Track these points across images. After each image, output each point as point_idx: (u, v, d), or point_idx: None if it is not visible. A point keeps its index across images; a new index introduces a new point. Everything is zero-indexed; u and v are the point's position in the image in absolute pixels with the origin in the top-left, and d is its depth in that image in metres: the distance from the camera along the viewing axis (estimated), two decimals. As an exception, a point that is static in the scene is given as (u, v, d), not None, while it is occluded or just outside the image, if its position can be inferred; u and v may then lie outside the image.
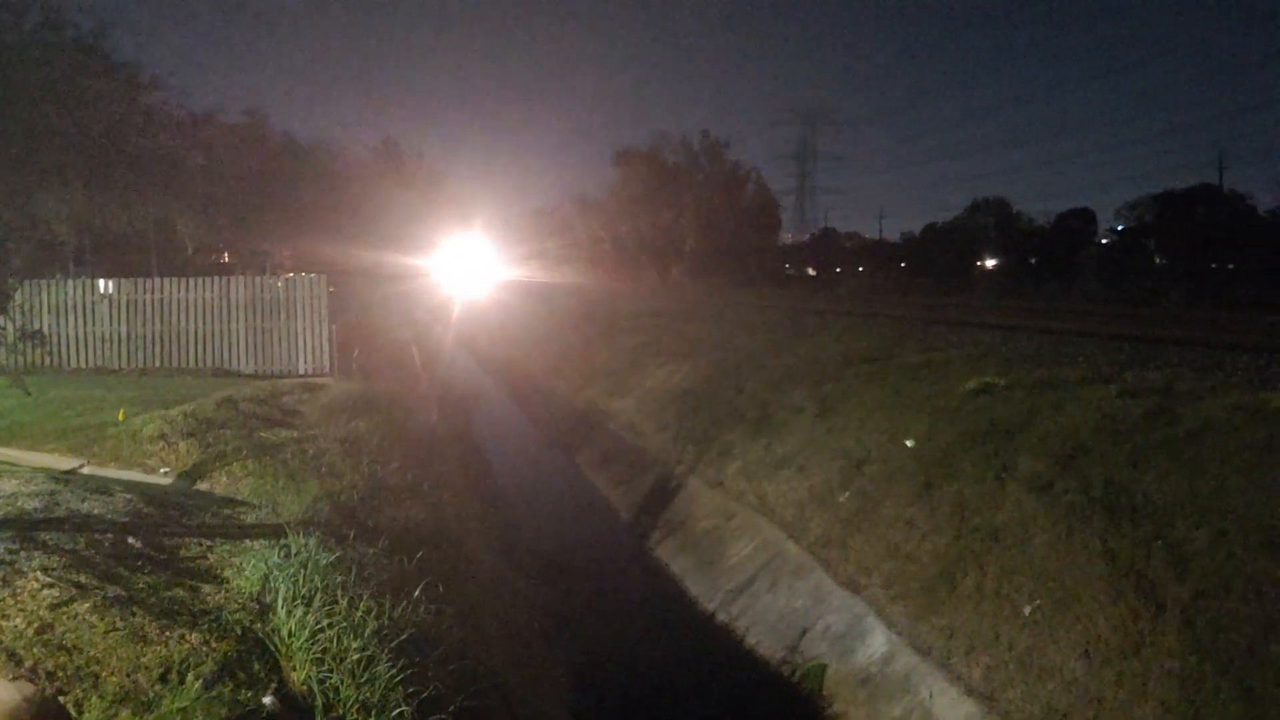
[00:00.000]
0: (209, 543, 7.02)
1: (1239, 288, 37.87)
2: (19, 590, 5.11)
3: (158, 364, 18.64)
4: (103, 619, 4.87)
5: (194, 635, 4.96)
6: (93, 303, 18.90)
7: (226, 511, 8.41)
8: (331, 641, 5.25)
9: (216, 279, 19.57)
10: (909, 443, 12.23)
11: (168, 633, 4.91)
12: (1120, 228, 51.60)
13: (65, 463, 9.91)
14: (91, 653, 4.55)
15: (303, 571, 6.12)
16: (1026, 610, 8.31)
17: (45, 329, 18.60)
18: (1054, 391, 11.79)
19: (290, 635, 5.24)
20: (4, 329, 9.36)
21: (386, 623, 5.80)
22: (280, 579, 5.95)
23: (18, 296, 16.31)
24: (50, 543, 6.00)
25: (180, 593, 5.68)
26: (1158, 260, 47.31)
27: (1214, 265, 43.45)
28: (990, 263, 62.04)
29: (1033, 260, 55.61)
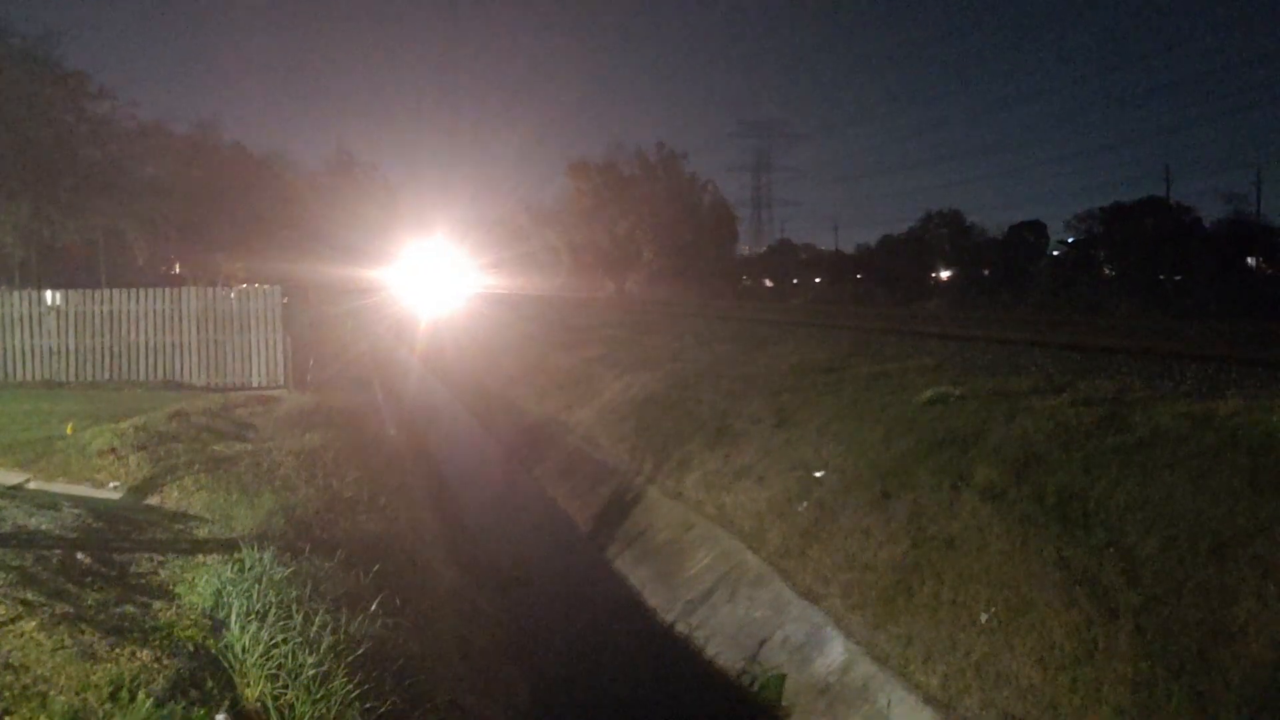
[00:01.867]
0: (160, 558, 6.90)
1: (1186, 298, 38.59)
2: (-37, 609, 4.99)
3: (107, 377, 18.34)
4: (50, 637, 4.77)
5: (145, 652, 4.87)
6: (40, 314, 18.56)
7: (178, 526, 8.29)
8: (286, 657, 5.18)
9: (168, 290, 19.28)
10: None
11: (118, 650, 4.82)
12: (1071, 239, 52.48)
13: (11, 478, 9.71)
14: (39, 671, 4.45)
15: (257, 586, 6.04)
16: (983, 618, 8.38)
17: (-9, 341, 18.26)
18: (1008, 401, 11.94)
19: (244, 651, 5.16)
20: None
21: (343, 637, 5.74)
22: (234, 594, 5.87)
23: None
24: (-5, 560, 5.87)
25: (130, 609, 5.57)
26: (1107, 271, 48.12)
27: (1161, 276, 44.25)
28: (944, 274, 62.80)
29: (986, 271, 56.37)
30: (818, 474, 12.60)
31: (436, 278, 72.34)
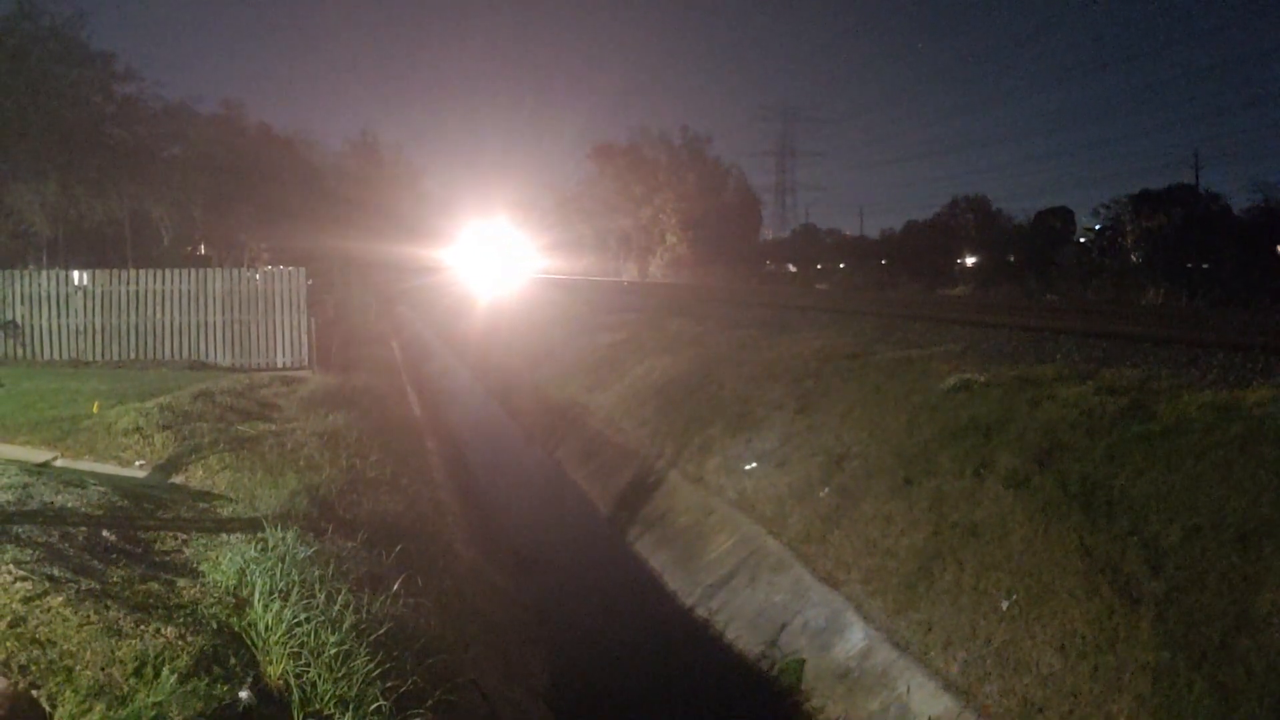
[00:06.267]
0: (185, 536, 6.97)
1: (1214, 286, 38.13)
2: (-9, 583, 5.05)
3: (133, 356, 18.50)
4: (77, 613, 4.82)
5: (169, 629, 4.92)
6: (67, 294, 18.75)
7: (202, 505, 8.36)
8: (309, 636, 5.22)
9: (193, 271, 19.43)
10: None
11: (143, 627, 4.87)
12: (1098, 226, 51.94)
13: (38, 455, 9.82)
14: (65, 646, 4.50)
15: (280, 565, 6.08)
16: (1004, 605, 8.36)
17: (19, 320, 18.45)
18: (1032, 388, 11.85)
19: (267, 629, 5.21)
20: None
21: (364, 617, 5.78)
22: (257, 573, 5.92)
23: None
24: (23, 536, 5.94)
25: (155, 586, 5.63)
26: (1134, 259, 47.62)
27: (1189, 264, 43.74)
28: (970, 260, 62.37)
29: (1011, 258, 55.92)
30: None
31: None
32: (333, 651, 5.15)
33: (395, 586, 6.70)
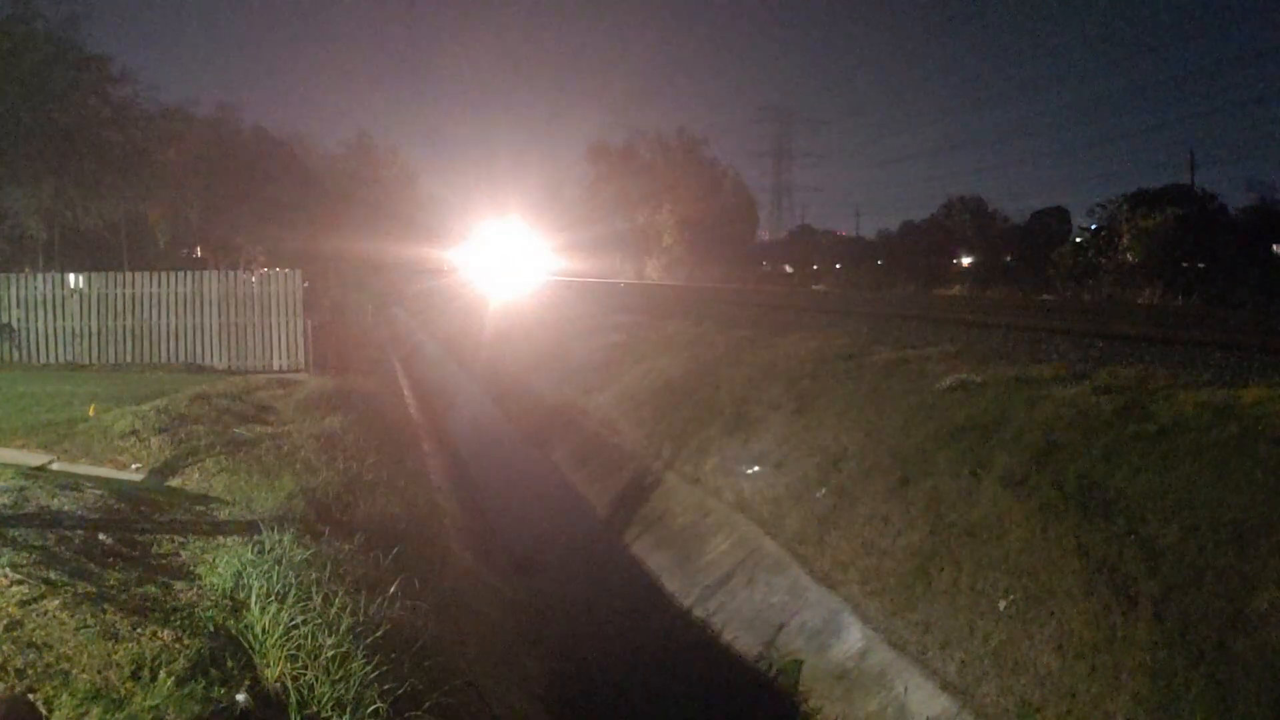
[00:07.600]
0: (181, 539, 6.96)
1: (1210, 285, 38.19)
2: (-12, 587, 5.04)
3: (129, 359, 18.49)
4: (73, 616, 4.81)
5: (166, 632, 4.91)
6: (63, 297, 18.73)
7: (199, 508, 8.35)
8: (306, 638, 5.21)
9: (190, 274, 19.43)
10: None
11: (139, 630, 4.86)
12: (1093, 226, 51.98)
13: (34, 459, 9.79)
14: (62, 650, 4.49)
15: (277, 568, 6.08)
16: (1001, 605, 8.36)
17: (14, 323, 18.43)
18: (1028, 388, 11.86)
19: (264, 632, 5.20)
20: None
21: (361, 619, 5.77)
22: (254, 575, 5.91)
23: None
24: (19, 539, 5.92)
25: (152, 590, 5.62)
26: (1130, 258, 47.66)
27: (1185, 264, 43.79)
28: (966, 260, 62.42)
29: (1008, 258, 55.99)
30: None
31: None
32: (330, 654, 5.14)
33: (392, 589, 6.69)
